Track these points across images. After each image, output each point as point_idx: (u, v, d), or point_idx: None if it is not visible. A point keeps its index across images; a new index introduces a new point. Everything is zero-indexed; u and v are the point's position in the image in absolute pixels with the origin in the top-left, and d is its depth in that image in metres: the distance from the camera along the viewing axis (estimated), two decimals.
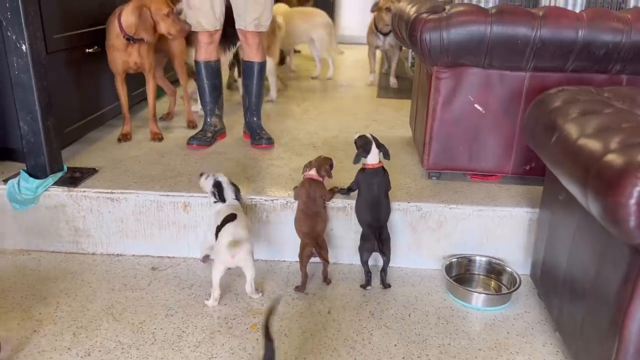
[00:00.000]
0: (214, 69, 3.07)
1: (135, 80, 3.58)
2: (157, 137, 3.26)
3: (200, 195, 2.52)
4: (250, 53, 3.05)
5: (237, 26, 2.99)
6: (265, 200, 2.52)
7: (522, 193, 2.64)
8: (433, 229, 2.53)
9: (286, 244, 2.54)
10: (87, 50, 3.11)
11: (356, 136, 2.45)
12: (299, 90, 4.90)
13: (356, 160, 2.38)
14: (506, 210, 2.49)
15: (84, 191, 2.54)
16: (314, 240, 2.31)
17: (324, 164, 2.47)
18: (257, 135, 3.16)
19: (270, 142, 3.15)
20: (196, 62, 3.06)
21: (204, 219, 2.54)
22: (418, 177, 2.82)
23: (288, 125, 3.69)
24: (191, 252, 2.59)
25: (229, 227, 2.19)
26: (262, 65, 3.08)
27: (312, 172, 2.44)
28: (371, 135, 2.41)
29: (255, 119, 3.18)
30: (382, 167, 2.41)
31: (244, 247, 2.15)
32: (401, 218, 2.51)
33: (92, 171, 2.74)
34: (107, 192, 2.55)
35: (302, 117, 3.97)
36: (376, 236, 2.30)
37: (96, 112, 3.29)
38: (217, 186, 2.34)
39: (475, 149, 2.68)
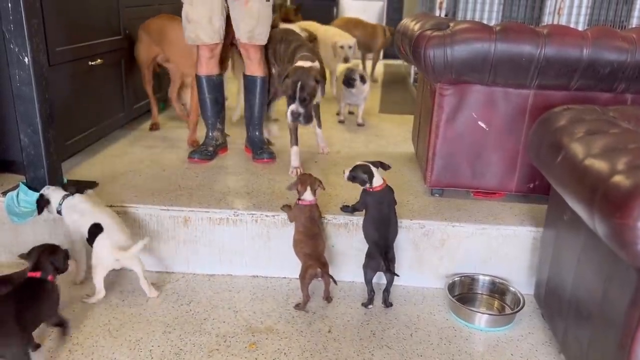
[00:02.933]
0: (216, 83, 3.07)
1: (135, 93, 3.59)
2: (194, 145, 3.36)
3: (202, 210, 2.50)
4: (252, 67, 3.05)
5: (236, 37, 3.02)
6: (267, 215, 2.50)
7: (525, 211, 2.61)
8: (436, 247, 2.50)
9: (286, 260, 2.51)
10: (90, 62, 3.10)
11: (347, 173, 2.40)
12: None
13: (356, 178, 2.37)
14: (510, 229, 2.46)
15: None
16: (318, 261, 2.27)
17: (314, 183, 2.43)
18: (258, 150, 3.16)
19: (272, 156, 3.15)
20: (197, 77, 3.06)
21: (204, 234, 2.52)
22: (420, 194, 2.80)
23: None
24: (190, 268, 2.56)
25: (104, 235, 2.21)
26: (264, 80, 3.09)
27: (308, 196, 2.40)
28: (363, 161, 2.40)
29: (257, 133, 3.18)
30: (387, 185, 2.39)
31: (129, 251, 2.21)
32: (404, 235, 2.48)
33: (92, 184, 2.72)
34: (106, 206, 2.52)
35: (303, 132, 3.94)
36: (382, 255, 2.27)
37: (98, 125, 3.28)
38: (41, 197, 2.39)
39: (478, 166, 2.66)
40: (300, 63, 2.81)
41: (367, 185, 2.36)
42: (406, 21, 2.96)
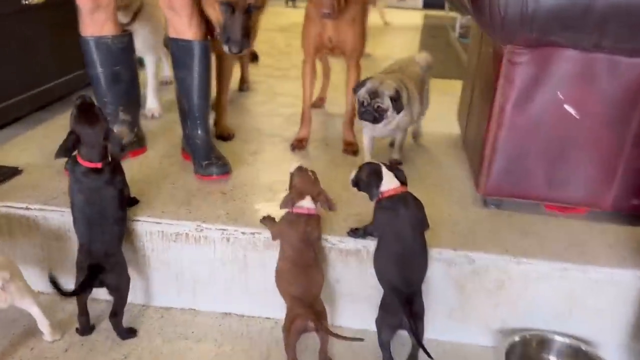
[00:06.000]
0: (113, 49, 2.03)
1: None
2: (351, 150, 2.33)
3: (150, 221, 1.74)
4: (180, 26, 1.94)
5: None
6: (243, 233, 1.72)
7: (625, 240, 1.77)
8: (489, 291, 1.69)
9: (270, 294, 1.74)
10: (25, 1, 2.30)
11: (353, 174, 1.67)
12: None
13: (373, 195, 1.58)
14: (604, 271, 1.64)
15: None
16: (309, 309, 1.51)
17: (321, 190, 1.64)
18: (203, 159, 2.01)
19: (225, 170, 2.01)
20: (81, 39, 2.01)
21: (154, 253, 1.76)
22: (468, 203, 1.97)
23: (290, 104, 2.85)
24: (137, 297, 1.82)
25: None
26: (203, 47, 1.98)
27: (307, 203, 1.61)
28: (371, 162, 1.69)
29: (198, 131, 2.03)
30: (408, 192, 1.58)
31: (12, 286, 1.54)
32: (442, 271, 1.68)
33: (12, 171, 1.98)
34: (21, 208, 1.78)
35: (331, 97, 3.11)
36: (404, 306, 1.48)
37: (32, 90, 2.49)
38: None
39: (559, 171, 1.80)
40: None
41: (376, 192, 1.59)
42: None
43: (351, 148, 2.32)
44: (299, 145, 2.37)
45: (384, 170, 1.59)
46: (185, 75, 2.01)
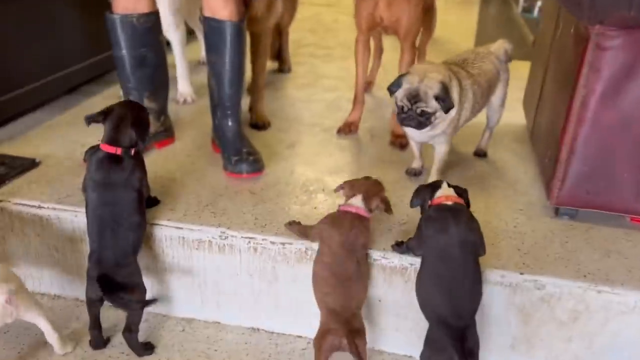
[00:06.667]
0: (139, 29, 1.80)
1: None
2: (399, 142, 2.07)
3: (170, 225, 1.55)
4: (214, 2, 1.74)
5: None
6: (272, 242, 1.50)
7: None
8: (562, 323, 1.42)
9: (303, 311, 1.55)
10: None
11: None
12: None
13: (415, 200, 1.37)
14: None
15: None
16: (346, 324, 1.30)
17: (378, 192, 1.41)
18: (233, 154, 1.79)
19: (256, 168, 1.78)
20: (106, 17, 1.79)
21: (176, 261, 1.58)
22: (536, 213, 1.68)
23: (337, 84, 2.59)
24: (157, 306, 1.65)
25: None
26: (237, 29, 1.75)
27: (357, 202, 1.39)
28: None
29: (229, 122, 1.84)
30: (464, 206, 1.32)
31: (17, 298, 1.37)
32: (504, 297, 1.42)
33: (28, 164, 1.83)
34: (33, 206, 1.63)
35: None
36: (455, 344, 1.23)
37: (62, 71, 2.33)
38: None
39: None
40: None
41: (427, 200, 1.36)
42: None
43: (399, 141, 2.06)
44: (347, 129, 2.13)
45: (444, 183, 1.34)
46: (216, 60, 1.79)
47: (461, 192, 1.34)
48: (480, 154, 2.03)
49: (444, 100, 1.54)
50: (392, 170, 1.88)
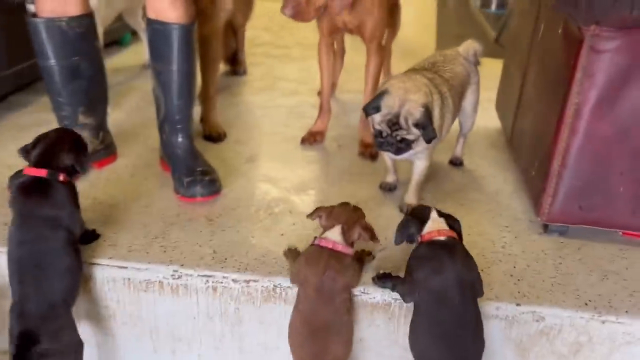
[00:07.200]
0: (69, 34, 1.54)
1: None
2: (369, 153, 1.90)
3: (113, 265, 1.32)
4: (159, 3, 1.51)
5: None
6: (234, 281, 1.30)
7: None
8: (562, 356, 1.28)
9: (272, 358, 1.35)
10: None
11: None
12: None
13: (400, 236, 1.17)
14: None
15: None
16: None
17: (358, 220, 1.23)
18: (185, 175, 1.56)
19: (212, 190, 1.55)
20: (29, 21, 1.53)
21: (121, 305, 1.35)
22: (523, 229, 1.54)
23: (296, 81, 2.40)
24: (100, 355, 1.42)
25: None
26: (185, 33, 1.53)
27: (334, 235, 1.20)
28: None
29: (179, 138, 1.62)
30: (457, 240, 1.16)
31: None
32: (498, 331, 1.27)
33: None
34: None
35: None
36: None
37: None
38: None
39: None
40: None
41: (412, 232, 1.18)
42: None
43: (369, 151, 1.89)
44: (312, 139, 1.95)
45: (434, 213, 1.16)
46: (162, 68, 1.57)
47: (453, 223, 1.17)
48: (456, 162, 1.88)
49: (425, 128, 1.37)
50: (364, 184, 1.71)
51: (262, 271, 1.31)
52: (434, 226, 1.15)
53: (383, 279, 1.25)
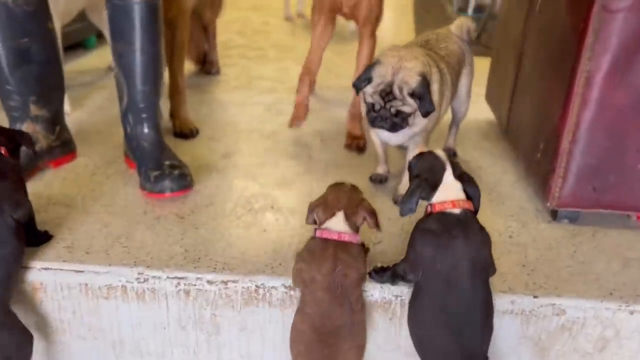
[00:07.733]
0: (15, 13, 1.36)
1: None
2: (355, 145, 1.74)
3: (68, 269, 1.13)
4: None
5: None
6: (210, 282, 1.12)
7: None
8: (587, 354, 1.13)
9: None
10: None
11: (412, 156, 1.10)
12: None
13: (407, 206, 0.98)
14: None
15: None
16: None
17: (361, 202, 1.07)
18: (153, 168, 1.40)
19: (182, 184, 1.39)
20: None
21: (78, 316, 1.16)
22: (530, 216, 1.40)
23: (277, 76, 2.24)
24: None
25: None
26: (149, 8, 1.37)
27: (338, 224, 1.04)
28: (440, 152, 1.05)
29: (145, 129, 1.45)
30: (471, 211, 1.00)
31: None
32: (515, 328, 1.12)
33: None
34: None
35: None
36: None
37: None
38: None
39: None
40: None
41: (422, 198, 1.01)
42: None
43: (356, 143, 1.74)
44: (299, 113, 1.79)
45: (447, 175, 1.00)
46: (124, 49, 1.40)
47: (471, 188, 1.01)
48: (450, 153, 1.74)
49: (422, 98, 1.22)
50: (352, 177, 1.54)
51: (242, 270, 1.13)
52: (448, 194, 0.99)
53: (381, 273, 1.09)
